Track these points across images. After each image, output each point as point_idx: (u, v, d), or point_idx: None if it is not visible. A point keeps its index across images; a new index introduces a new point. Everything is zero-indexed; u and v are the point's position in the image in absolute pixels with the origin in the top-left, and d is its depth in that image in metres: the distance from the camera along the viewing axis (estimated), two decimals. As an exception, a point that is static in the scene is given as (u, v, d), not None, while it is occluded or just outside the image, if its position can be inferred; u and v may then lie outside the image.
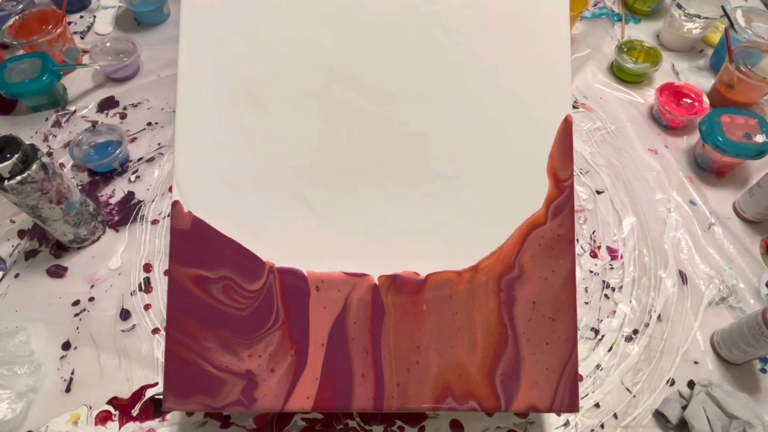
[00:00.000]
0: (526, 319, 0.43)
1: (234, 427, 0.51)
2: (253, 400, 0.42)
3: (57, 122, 0.76)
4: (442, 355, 0.43)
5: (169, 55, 0.84)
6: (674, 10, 0.81)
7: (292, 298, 0.43)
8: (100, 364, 0.54)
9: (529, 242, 0.44)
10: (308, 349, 0.43)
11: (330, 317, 0.43)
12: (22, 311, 0.58)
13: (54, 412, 0.51)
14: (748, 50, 0.72)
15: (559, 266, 0.44)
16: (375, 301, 0.43)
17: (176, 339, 0.42)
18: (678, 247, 0.63)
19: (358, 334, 0.43)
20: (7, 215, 0.65)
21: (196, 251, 0.43)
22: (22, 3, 0.85)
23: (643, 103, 0.78)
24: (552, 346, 0.43)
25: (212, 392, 0.42)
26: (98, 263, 0.61)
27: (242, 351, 0.42)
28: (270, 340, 0.43)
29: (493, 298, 0.43)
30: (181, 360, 0.42)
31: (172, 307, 0.43)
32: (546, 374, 0.43)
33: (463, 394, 0.42)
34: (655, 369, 0.54)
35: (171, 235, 0.43)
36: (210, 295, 0.43)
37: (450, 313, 0.43)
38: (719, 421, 0.48)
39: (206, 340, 0.42)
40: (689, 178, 0.69)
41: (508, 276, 0.43)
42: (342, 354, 0.43)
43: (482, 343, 0.43)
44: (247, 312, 0.43)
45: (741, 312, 0.58)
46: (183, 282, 0.43)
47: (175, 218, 0.44)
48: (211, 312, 0.43)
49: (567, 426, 0.51)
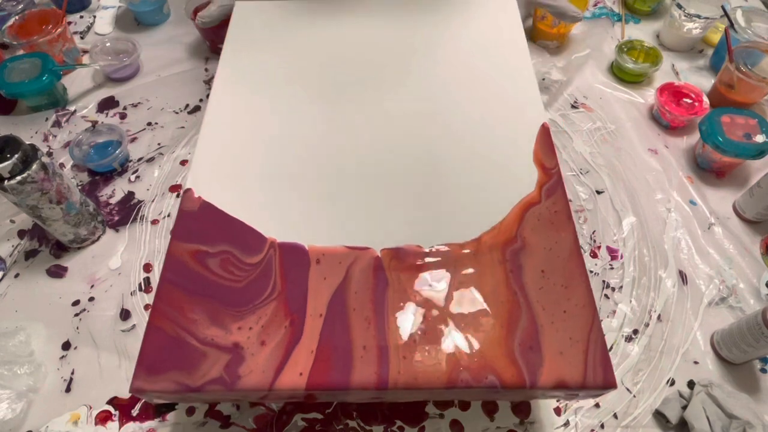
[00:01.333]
0: (537, 287, 0.42)
1: (234, 427, 0.51)
2: (236, 378, 0.38)
3: (57, 122, 0.76)
4: (452, 326, 0.40)
5: (169, 55, 0.84)
6: (674, 10, 0.81)
7: (291, 271, 0.43)
8: (100, 364, 0.54)
9: (527, 217, 0.46)
10: (305, 320, 0.40)
11: (329, 288, 0.42)
12: (22, 311, 0.58)
13: (54, 412, 0.51)
14: (748, 50, 0.72)
15: (561, 239, 0.44)
16: (377, 272, 0.43)
17: (161, 311, 0.41)
18: (678, 247, 0.63)
19: (359, 305, 0.41)
20: (7, 215, 0.65)
21: (200, 229, 0.45)
22: (22, 3, 0.85)
23: (643, 103, 0.78)
24: (570, 315, 0.41)
25: (190, 367, 0.38)
26: (98, 263, 0.61)
27: (231, 323, 0.40)
28: (263, 312, 0.41)
29: (499, 267, 0.43)
30: (161, 333, 0.40)
31: (163, 280, 0.42)
32: (570, 344, 0.39)
33: (479, 369, 0.38)
34: (655, 369, 0.54)
35: (177, 217, 0.45)
36: (206, 268, 0.43)
37: (457, 281, 0.42)
38: (719, 421, 0.48)
39: (193, 312, 0.41)
40: (689, 178, 0.69)
41: (511, 247, 0.44)
42: (341, 325, 0.40)
43: (493, 312, 0.41)
44: (242, 284, 0.42)
45: (741, 312, 0.58)
46: (180, 256, 0.43)
47: (185, 202, 0.46)
48: (204, 284, 0.42)
49: (567, 426, 0.51)
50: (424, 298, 0.42)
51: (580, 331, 0.40)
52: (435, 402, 0.52)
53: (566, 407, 0.52)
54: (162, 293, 0.41)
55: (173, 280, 0.42)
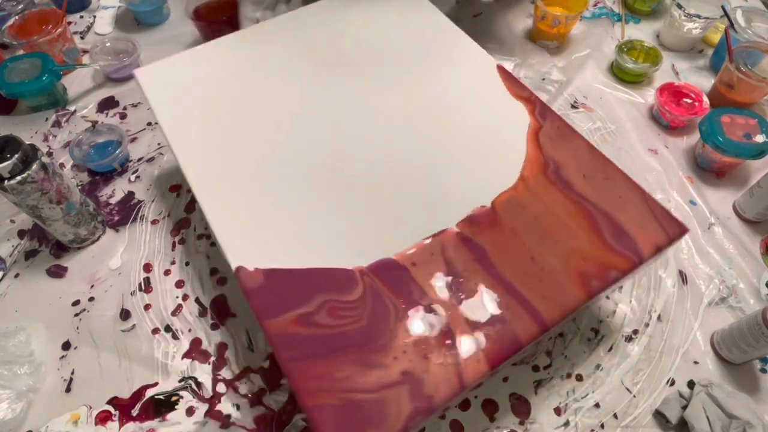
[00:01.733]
0: (590, 189, 0.48)
1: (234, 427, 0.51)
2: (429, 399, 0.37)
3: (57, 122, 0.76)
4: (555, 252, 0.44)
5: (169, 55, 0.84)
6: (674, 10, 0.81)
7: (397, 284, 0.42)
8: (100, 364, 0.54)
9: (542, 142, 0.51)
10: (444, 315, 0.41)
11: (441, 279, 0.43)
12: (22, 311, 0.58)
13: (54, 412, 0.51)
14: (748, 50, 0.72)
15: (576, 144, 0.51)
16: (468, 243, 0.45)
17: (310, 391, 0.37)
18: (678, 247, 0.63)
19: (472, 277, 0.43)
20: (7, 215, 0.65)
21: (282, 297, 0.42)
22: (22, 3, 0.85)
23: (643, 103, 0.78)
24: (625, 196, 0.47)
25: (380, 419, 0.36)
26: (98, 263, 0.61)
27: (384, 358, 0.38)
28: (402, 330, 0.40)
29: (552, 189, 0.48)
30: (327, 409, 0.36)
31: (287, 362, 0.38)
32: (641, 217, 0.46)
33: (599, 271, 0.43)
34: (655, 369, 0.54)
35: (250, 298, 0.41)
36: (317, 325, 0.40)
37: (532, 218, 0.46)
38: (719, 421, 0.48)
39: (341, 371, 0.38)
40: (689, 178, 0.69)
41: (548, 170, 0.49)
42: (474, 300, 0.41)
43: (575, 225, 0.46)
44: (364, 320, 0.40)
45: (741, 312, 0.58)
46: (284, 331, 0.40)
47: (246, 281, 0.43)
48: (327, 341, 0.39)
49: (567, 426, 0.51)
50: (520, 243, 0.45)
51: (640, 204, 0.47)
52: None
53: (566, 407, 0.52)
54: (296, 375, 0.38)
55: (296, 357, 0.39)
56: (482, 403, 0.52)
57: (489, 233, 0.45)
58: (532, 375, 0.54)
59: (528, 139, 0.51)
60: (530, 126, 0.52)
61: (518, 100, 0.54)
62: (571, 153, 0.50)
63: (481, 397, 0.52)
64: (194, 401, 0.52)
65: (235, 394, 0.53)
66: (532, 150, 0.51)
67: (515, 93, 0.55)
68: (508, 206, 0.47)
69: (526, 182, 0.48)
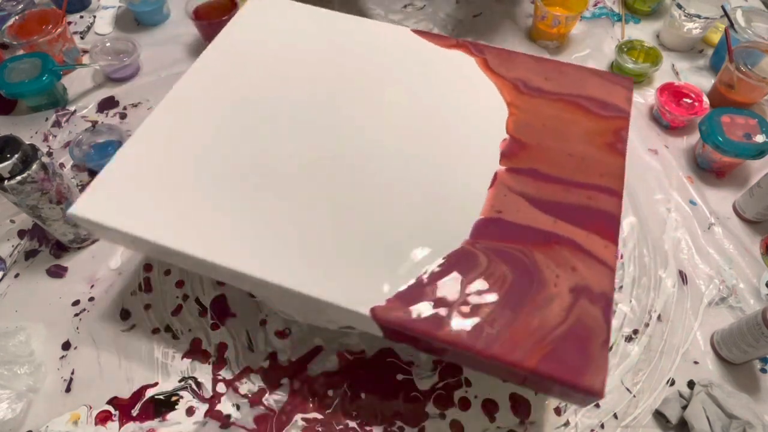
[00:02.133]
0: (558, 85, 0.55)
1: (234, 427, 0.51)
2: (604, 294, 0.41)
3: (57, 122, 0.76)
4: (577, 141, 0.51)
5: (169, 55, 0.84)
6: (674, 10, 0.81)
7: (503, 233, 0.45)
8: (100, 364, 0.54)
9: (496, 70, 0.57)
10: (559, 231, 0.45)
11: (529, 207, 0.46)
12: (22, 311, 0.58)
13: (54, 412, 0.51)
14: (748, 50, 0.72)
15: (521, 60, 0.58)
16: (522, 172, 0.48)
17: (525, 356, 0.38)
18: (678, 247, 0.63)
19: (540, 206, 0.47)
20: (7, 215, 0.65)
21: (435, 301, 0.41)
22: (22, 3, 0.85)
23: (643, 103, 0.78)
24: (582, 78, 0.56)
25: (588, 333, 0.39)
26: (98, 263, 0.61)
27: (548, 290, 0.41)
28: (542, 262, 0.43)
29: (534, 99, 0.54)
30: (549, 358, 0.38)
31: (484, 351, 0.39)
32: (602, 86, 0.55)
33: (614, 137, 0.51)
34: (655, 369, 0.54)
35: (408, 329, 0.40)
36: (483, 305, 0.41)
37: (542, 126, 0.52)
38: (719, 421, 0.48)
39: (530, 324, 0.40)
40: (689, 178, 0.69)
41: (520, 87, 0.55)
42: (567, 207, 0.46)
43: (571, 116, 0.53)
44: (509, 276, 0.42)
45: (741, 312, 0.58)
46: (473, 326, 0.40)
47: (389, 315, 0.40)
48: (499, 312, 0.40)
49: (567, 426, 0.51)
50: (552, 149, 0.50)
51: (594, 78, 0.56)
52: (435, 402, 0.52)
53: (566, 407, 0.52)
54: (502, 352, 0.38)
55: (489, 338, 0.39)
56: (482, 403, 0.52)
57: (525, 156, 0.49)
58: (532, 375, 0.54)
59: (485, 73, 0.56)
60: (477, 62, 0.57)
61: (452, 49, 0.58)
62: (524, 67, 0.56)
63: (481, 397, 0.52)
64: (194, 401, 0.52)
65: (235, 394, 0.53)
66: (495, 79, 0.55)
67: (446, 44, 0.59)
68: (519, 129, 0.51)
69: (514, 104, 0.53)
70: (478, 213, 0.45)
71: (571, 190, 0.47)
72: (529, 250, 0.43)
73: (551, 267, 0.42)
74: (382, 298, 0.40)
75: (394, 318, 0.39)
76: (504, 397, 0.52)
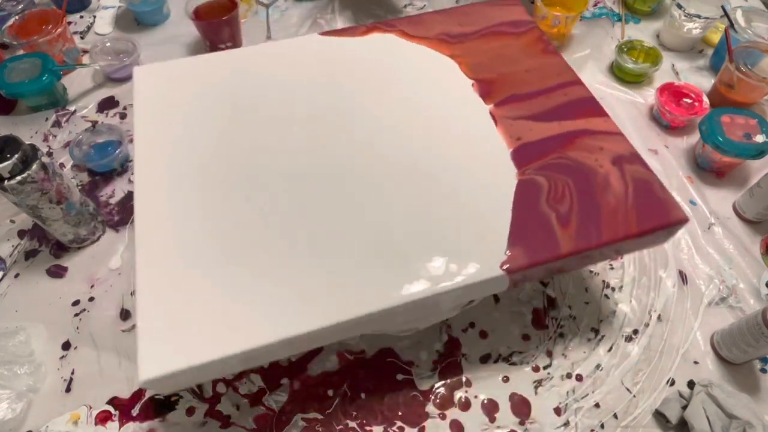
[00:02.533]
0: (469, 36, 0.60)
1: (234, 427, 0.51)
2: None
3: (57, 122, 0.76)
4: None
5: (169, 55, 0.84)
6: (674, 10, 0.81)
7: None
8: (100, 364, 0.54)
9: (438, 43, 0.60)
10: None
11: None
12: (22, 311, 0.58)
13: (54, 412, 0.51)
14: (748, 50, 0.72)
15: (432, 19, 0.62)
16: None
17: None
18: (678, 247, 0.63)
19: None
20: (7, 215, 0.65)
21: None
22: (22, 3, 0.85)
23: (643, 103, 0.78)
24: (501, 13, 0.62)
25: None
26: (98, 263, 0.61)
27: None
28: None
29: (477, 49, 0.59)
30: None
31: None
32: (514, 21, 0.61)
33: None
34: (655, 369, 0.54)
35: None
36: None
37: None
38: (719, 421, 0.48)
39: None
40: (689, 178, 0.69)
41: (449, 38, 0.59)
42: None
43: (527, 54, 0.58)
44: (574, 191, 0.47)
45: (741, 312, 0.58)
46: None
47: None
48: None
49: (567, 426, 0.51)
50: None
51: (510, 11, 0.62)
52: (435, 402, 0.52)
53: (566, 407, 0.52)
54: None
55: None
56: (482, 403, 0.52)
57: (498, 88, 0.54)
58: (532, 375, 0.54)
59: (410, 41, 0.59)
60: (397, 36, 0.59)
61: (368, 35, 0.60)
62: (437, 24, 0.61)
63: (481, 397, 0.52)
64: (194, 401, 0.52)
65: (235, 394, 0.53)
66: (423, 42, 0.59)
67: (360, 33, 0.60)
68: (476, 71, 0.56)
69: (454, 55, 0.57)
70: (506, 148, 0.50)
71: (550, 95, 0.54)
72: (564, 154, 0.49)
73: (587, 155, 0.49)
74: (500, 254, 0.43)
75: (522, 264, 0.42)
76: (504, 397, 0.52)
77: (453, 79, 0.55)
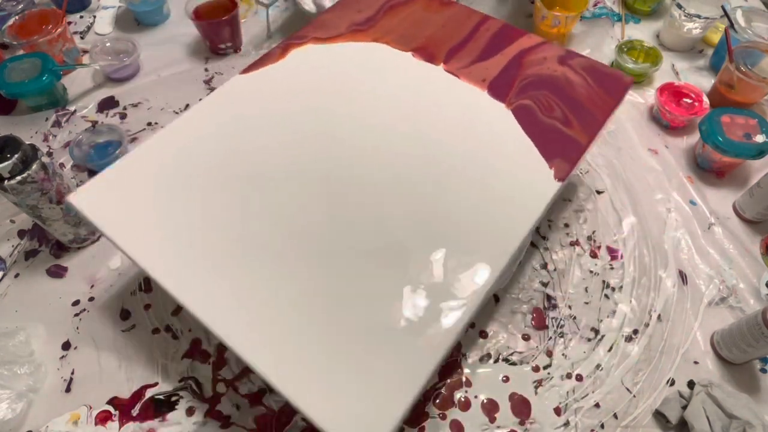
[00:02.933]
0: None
1: (234, 427, 0.51)
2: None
3: (57, 122, 0.76)
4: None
5: (169, 55, 0.84)
6: (674, 10, 0.81)
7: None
8: (100, 364, 0.54)
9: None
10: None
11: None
12: (22, 311, 0.58)
13: (54, 412, 0.51)
14: (748, 50, 0.72)
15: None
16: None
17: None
18: (678, 247, 0.63)
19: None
20: (7, 215, 0.65)
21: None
22: (22, 3, 0.85)
23: (643, 103, 0.78)
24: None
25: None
26: (98, 263, 0.61)
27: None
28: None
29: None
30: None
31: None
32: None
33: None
34: (655, 369, 0.54)
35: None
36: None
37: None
38: (719, 421, 0.48)
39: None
40: (689, 178, 0.69)
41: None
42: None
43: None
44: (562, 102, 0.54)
45: (741, 312, 0.58)
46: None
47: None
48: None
49: (567, 426, 0.51)
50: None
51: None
52: (435, 402, 0.52)
53: (566, 407, 0.52)
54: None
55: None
56: (482, 403, 0.52)
57: (432, 48, 0.58)
58: (532, 375, 0.54)
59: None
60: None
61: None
62: (346, 16, 0.62)
63: (481, 397, 0.52)
64: (194, 401, 0.52)
65: (235, 394, 0.53)
66: (350, 38, 0.60)
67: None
68: (404, 41, 0.59)
69: (378, 40, 0.59)
70: (481, 91, 0.54)
71: (477, 37, 0.59)
72: (524, 75, 0.55)
73: (540, 68, 0.56)
74: (548, 172, 0.48)
75: (567, 169, 0.49)
76: (504, 397, 0.52)
77: (394, 59, 0.57)
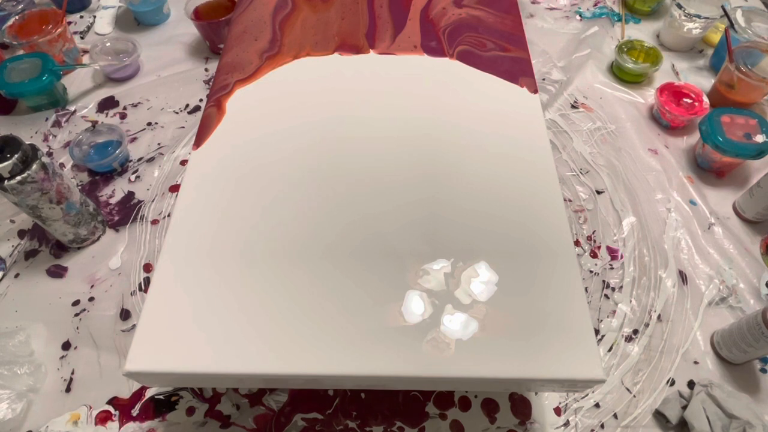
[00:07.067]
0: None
1: (234, 427, 0.51)
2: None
3: (57, 122, 0.76)
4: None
5: (169, 55, 0.84)
6: (674, 10, 0.81)
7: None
8: (100, 364, 0.54)
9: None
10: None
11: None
12: (22, 311, 0.58)
13: (54, 412, 0.51)
14: (748, 50, 0.72)
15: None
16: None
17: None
18: (678, 247, 0.63)
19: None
20: (7, 215, 0.65)
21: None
22: (22, 3, 0.85)
23: (643, 103, 0.78)
24: None
25: None
26: (98, 263, 0.61)
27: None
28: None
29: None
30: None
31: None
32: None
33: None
34: (655, 369, 0.54)
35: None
36: None
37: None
38: (719, 421, 0.48)
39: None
40: (689, 178, 0.69)
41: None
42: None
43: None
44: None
45: (741, 312, 0.58)
46: None
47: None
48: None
49: (567, 426, 0.51)
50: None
51: None
52: (435, 402, 0.52)
53: (566, 407, 0.52)
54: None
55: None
56: (482, 403, 0.52)
57: (350, 35, 0.59)
58: (532, 375, 0.54)
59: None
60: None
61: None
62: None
63: (481, 397, 0.52)
64: (194, 401, 0.52)
65: (235, 394, 0.53)
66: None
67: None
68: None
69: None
70: (424, 56, 0.56)
71: (378, 14, 0.60)
72: (442, 26, 0.59)
73: (451, 12, 0.60)
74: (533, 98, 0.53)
75: (535, 84, 0.55)
76: (504, 397, 0.52)
77: (329, 65, 0.55)
